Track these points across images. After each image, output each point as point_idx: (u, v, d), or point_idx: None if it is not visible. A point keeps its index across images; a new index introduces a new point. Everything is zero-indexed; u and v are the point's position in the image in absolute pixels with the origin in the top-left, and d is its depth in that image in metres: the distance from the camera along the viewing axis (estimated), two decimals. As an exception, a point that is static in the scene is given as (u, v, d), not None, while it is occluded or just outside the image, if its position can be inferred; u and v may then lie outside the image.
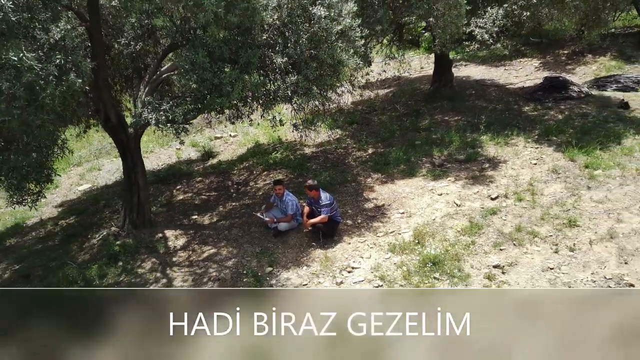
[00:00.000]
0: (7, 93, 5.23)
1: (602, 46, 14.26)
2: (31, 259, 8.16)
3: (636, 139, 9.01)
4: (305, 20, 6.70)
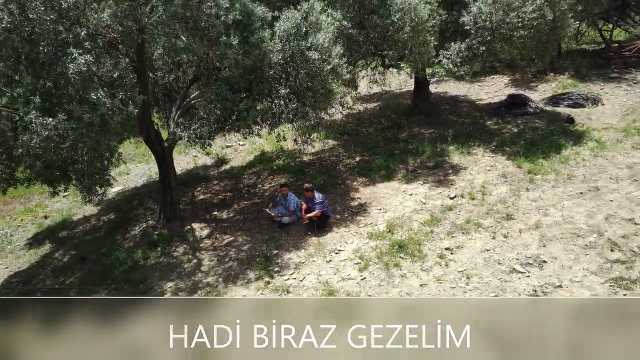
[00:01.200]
0: (86, 122, 7.27)
1: (563, 65, 16.33)
2: (83, 246, 10.19)
3: (573, 149, 11.06)
4: (302, 60, 8.72)
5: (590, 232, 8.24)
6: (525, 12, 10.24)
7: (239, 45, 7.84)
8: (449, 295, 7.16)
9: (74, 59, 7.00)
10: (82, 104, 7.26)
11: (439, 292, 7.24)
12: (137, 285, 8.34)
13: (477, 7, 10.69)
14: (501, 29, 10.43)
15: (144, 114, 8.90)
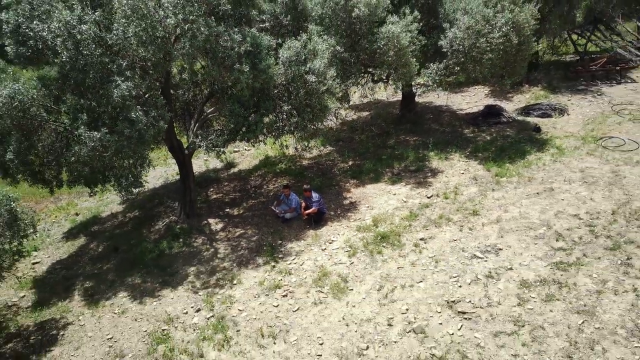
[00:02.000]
0: (127, 135, 8.98)
1: (537, 78, 18.05)
2: (115, 239, 11.90)
3: (536, 155, 12.78)
4: (302, 82, 10.43)
5: (541, 225, 9.95)
6: (493, 37, 11.95)
7: (249, 71, 9.56)
8: (421, 277, 8.88)
9: (117, 85, 8.73)
10: (123, 120, 8.97)
11: (413, 273, 8.96)
12: (165, 270, 10.06)
13: (452, 33, 12.40)
14: (472, 52, 12.15)
15: (168, 127, 10.61)
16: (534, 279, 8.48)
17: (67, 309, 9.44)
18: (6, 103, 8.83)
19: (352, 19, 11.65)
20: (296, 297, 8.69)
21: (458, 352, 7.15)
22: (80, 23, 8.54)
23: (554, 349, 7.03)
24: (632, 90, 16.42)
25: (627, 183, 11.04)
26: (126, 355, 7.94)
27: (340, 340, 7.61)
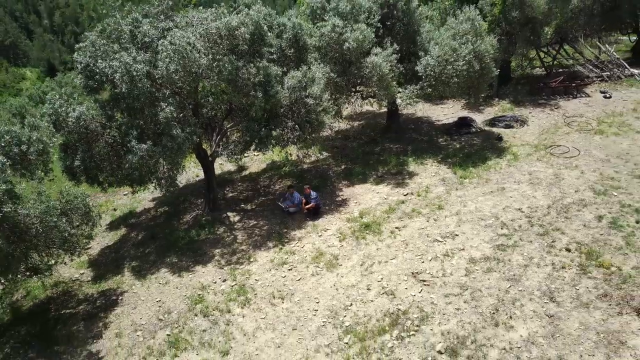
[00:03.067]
0: (168, 147, 11.72)
1: (506, 92, 20.80)
2: (151, 229, 14.64)
3: (495, 160, 15.52)
4: (302, 104, 13.17)
5: (490, 217, 12.69)
6: (458, 65, 14.71)
7: (262, 96, 12.31)
8: (393, 255, 11.62)
9: (162, 109, 11.48)
10: (166, 136, 11.72)
11: (387, 253, 11.71)
12: (195, 252, 12.81)
13: (425, 60, 15.16)
14: (442, 77, 14.90)
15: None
16: (479, 257, 11.21)
17: (121, 282, 12.20)
18: (75, 122, 11.60)
19: (343, 51, 14.38)
20: (298, 270, 11.45)
21: (417, 307, 9.89)
22: (135, 62, 11.29)
23: (486, 304, 9.77)
24: (585, 104, 19.17)
25: (564, 184, 13.78)
26: (172, 312, 10.69)
27: (331, 300, 10.36)
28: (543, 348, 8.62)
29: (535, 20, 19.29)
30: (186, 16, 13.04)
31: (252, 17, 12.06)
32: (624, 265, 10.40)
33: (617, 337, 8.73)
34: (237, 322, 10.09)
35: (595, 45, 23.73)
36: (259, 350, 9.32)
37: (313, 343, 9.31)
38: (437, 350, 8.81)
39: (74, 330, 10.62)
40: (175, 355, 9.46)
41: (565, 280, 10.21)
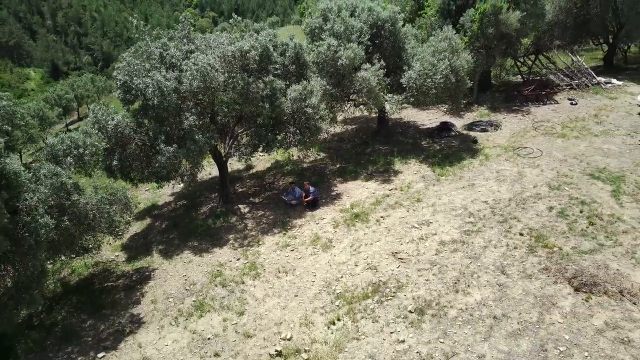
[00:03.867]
0: (191, 149, 14.14)
1: (484, 99, 23.21)
2: (173, 218, 17.07)
3: (469, 160, 17.94)
4: (302, 113, 15.60)
5: (460, 208, 15.10)
6: (436, 78, 17.13)
7: (269, 107, 14.74)
8: (377, 239, 14.05)
9: (187, 118, 13.92)
10: (189, 140, 14.15)
11: (373, 237, 14.13)
12: (213, 237, 15.25)
13: (408, 74, 17.59)
14: (422, 89, 17.33)
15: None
16: (448, 240, 13.64)
17: (151, 261, 14.65)
18: (113, 128, 14.03)
19: (337, 66, 16.80)
20: (299, 251, 13.89)
21: (395, 279, 12.31)
22: (165, 80, 13.72)
23: (450, 276, 12.19)
24: (553, 110, 21.61)
25: (525, 180, 16.21)
26: (196, 283, 13.13)
27: (325, 273, 12.80)
28: (491, 308, 11.04)
29: (509, 35, 21.69)
30: (205, 38, 15.46)
31: (260, 42, 14.49)
32: (564, 246, 12.82)
33: (550, 299, 11.15)
34: (249, 291, 12.54)
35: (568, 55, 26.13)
36: (268, 311, 11.76)
37: (311, 306, 11.75)
38: (408, 310, 11.24)
39: (116, 298, 13.07)
40: (201, 315, 11.90)
41: (515, 258, 12.64)
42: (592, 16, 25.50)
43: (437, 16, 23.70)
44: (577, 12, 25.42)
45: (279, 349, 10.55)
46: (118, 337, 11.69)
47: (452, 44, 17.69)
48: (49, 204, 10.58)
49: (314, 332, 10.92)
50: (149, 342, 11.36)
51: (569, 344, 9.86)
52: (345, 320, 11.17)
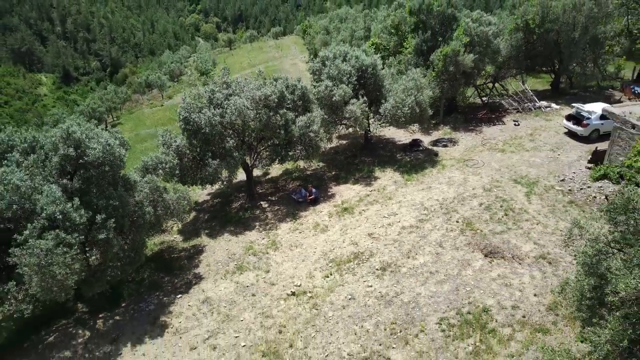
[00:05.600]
0: (230, 163, 20.53)
1: (449, 120, 29.52)
2: (212, 212, 23.42)
3: (430, 169, 24.24)
4: (307, 136, 21.93)
5: (418, 204, 21.41)
6: (405, 109, 23.46)
7: (284, 133, 21.10)
8: (359, 225, 20.35)
9: (228, 142, 20.30)
10: (229, 157, 20.50)
11: (356, 224, 20.44)
12: (243, 224, 21.59)
13: (385, 106, 23.92)
14: (395, 117, 23.67)
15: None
16: (407, 225, 19.93)
17: (202, 241, 20.97)
18: (175, 148, 20.38)
19: (332, 101, 23.13)
20: (305, 233, 20.22)
21: (369, 250, 18.61)
22: (213, 116, 20.07)
23: (405, 248, 18.48)
24: (500, 130, 27.93)
25: (467, 184, 22.50)
26: (236, 254, 19.45)
27: (323, 247, 19.11)
28: (429, 267, 17.32)
29: (467, 71, 28.02)
30: (238, 83, 21.81)
31: (278, 88, 20.86)
32: (484, 229, 19.10)
33: (467, 262, 17.44)
34: (272, 258, 18.87)
35: (519, 82, 32.47)
36: (285, 270, 18.07)
37: (313, 266, 18.06)
38: (375, 269, 17.53)
39: (182, 264, 19.41)
40: (241, 273, 18.22)
41: (450, 237, 18.92)
42: (538, 52, 31.80)
43: (413, 54, 30.05)
44: (526, 49, 31.73)
45: (293, 291, 16.88)
46: (188, 286, 18.03)
47: (417, 83, 24.02)
48: (149, 199, 16.93)
49: (314, 281, 17.25)
50: (209, 288, 17.69)
51: (472, 287, 16.15)
52: (335, 274, 17.49)
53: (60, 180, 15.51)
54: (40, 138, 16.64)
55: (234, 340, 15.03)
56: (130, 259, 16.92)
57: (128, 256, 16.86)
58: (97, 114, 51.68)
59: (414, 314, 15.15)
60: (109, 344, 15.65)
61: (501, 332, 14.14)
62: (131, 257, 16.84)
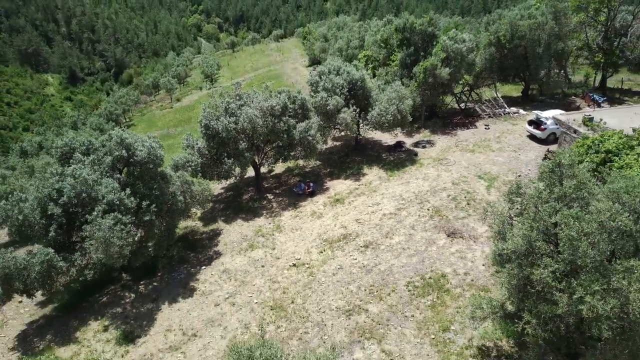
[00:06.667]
0: (242, 162, 25.04)
1: (429, 124, 33.99)
2: (226, 203, 27.92)
3: (410, 167, 28.72)
4: (306, 139, 26.40)
5: (399, 195, 25.88)
6: (388, 117, 27.90)
7: (286, 137, 25.59)
8: (348, 212, 24.84)
9: (241, 144, 24.81)
10: (242, 157, 25.00)
11: (346, 211, 24.93)
12: (253, 212, 26.08)
13: (372, 114, 28.37)
14: (379, 123, 28.13)
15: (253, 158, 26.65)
16: (387, 213, 24.40)
17: (219, 226, 25.47)
18: (198, 150, 24.89)
19: (327, 110, 27.58)
20: (304, 219, 24.71)
21: (355, 232, 23.09)
22: (229, 123, 24.55)
23: (384, 230, 22.97)
24: (472, 133, 32.39)
25: (440, 179, 26.96)
26: (247, 235, 23.95)
27: (318, 230, 23.60)
28: (402, 244, 21.79)
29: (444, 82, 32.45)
30: (249, 95, 26.25)
31: (282, 99, 25.31)
32: (449, 215, 23.56)
33: (433, 241, 21.88)
34: (277, 238, 23.36)
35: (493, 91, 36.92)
36: (287, 247, 22.54)
37: (310, 245, 22.54)
38: (360, 246, 22.00)
39: (204, 243, 23.90)
40: (252, 250, 22.70)
41: (421, 221, 23.38)
42: (509, 64, 36.23)
43: (399, 66, 34.49)
44: (499, 61, 36.15)
45: (294, 263, 21.37)
46: (209, 260, 22.53)
47: (399, 94, 28.45)
48: (180, 190, 21.43)
49: (311, 256, 21.74)
50: (227, 261, 22.19)
51: (435, 259, 20.62)
52: (327, 251, 21.98)
53: (113, 174, 19.99)
54: (94, 142, 21.08)
55: (248, 299, 19.52)
56: (165, 238, 21.44)
57: (164, 235, 21.37)
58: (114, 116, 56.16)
59: (388, 279, 19.62)
60: (151, 303, 20.15)
61: (454, 291, 18.62)
62: (166, 236, 21.35)
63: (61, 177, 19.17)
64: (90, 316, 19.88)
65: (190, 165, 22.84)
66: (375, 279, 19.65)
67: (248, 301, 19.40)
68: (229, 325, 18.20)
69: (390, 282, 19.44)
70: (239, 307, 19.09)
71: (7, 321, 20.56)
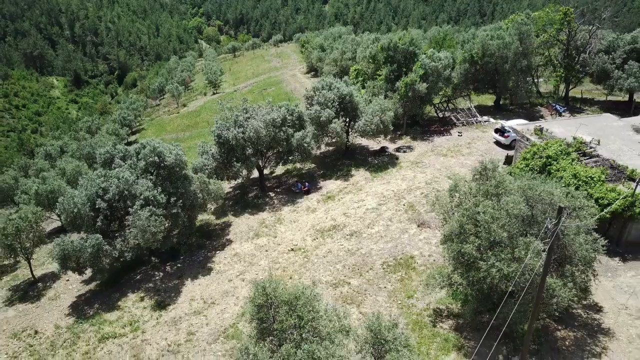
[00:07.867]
0: (248, 165, 29.98)
1: (410, 131, 38.92)
2: (234, 200, 32.85)
3: (391, 169, 33.64)
4: (302, 145, 31.31)
5: (380, 194, 30.78)
6: (372, 126, 32.81)
7: (285, 144, 30.52)
8: (337, 208, 29.76)
9: (248, 150, 29.75)
10: (248, 161, 29.92)
11: (336, 207, 29.85)
12: (258, 207, 30.99)
13: (358, 124, 33.28)
14: (365, 130, 33.05)
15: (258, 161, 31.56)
16: (370, 207, 29.31)
17: (229, 219, 30.38)
18: (212, 155, 29.82)
19: (320, 121, 32.47)
20: (300, 213, 29.63)
21: (342, 223, 27.99)
22: (238, 133, 29.45)
23: (367, 222, 27.88)
24: (446, 140, 37.32)
25: (415, 180, 31.86)
26: (253, 226, 28.86)
27: (312, 222, 28.51)
28: (380, 233, 26.69)
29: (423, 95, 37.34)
30: (255, 109, 31.13)
31: (282, 112, 30.22)
32: (421, 210, 28.47)
33: (405, 230, 26.83)
34: (278, 228, 28.27)
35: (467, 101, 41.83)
36: (287, 236, 27.44)
37: (305, 234, 27.44)
38: (346, 234, 26.91)
39: (218, 233, 28.80)
40: (258, 238, 27.60)
41: (397, 215, 28.28)
42: (481, 78, 41.15)
43: (384, 81, 39.41)
44: (472, 75, 41.07)
45: (292, 248, 26.29)
46: (222, 246, 27.44)
47: (382, 107, 33.34)
48: (199, 188, 26.34)
49: (306, 242, 26.65)
50: (237, 247, 27.09)
51: (406, 244, 25.53)
52: (319, 238, 26.90)
53: (146, 176, 24.90)
54: (130, 150, 25.95)
55: (255, 275, 24.42)
56: (187, 227, 26.35)
57: (186, 225, 26.27)
58: (127, 122, 61.00)
59: (367, 260, 24.53)
60: (177, 279, 25.05)
61: (419, 269, 23.55)
62: (188, 226, 26.26)
63: (105, 178, 24.06)
64: (128, 290, 24.78)
65: (206, 168, 27.77)
66: (357, 260, 24.55)
67: (255, 278, 24.28)
68: (240, 295, 23.09)
69: (369, 262, 24.34)
70: (248, 282, 23.98)
71: (59, 295, 25.46)
